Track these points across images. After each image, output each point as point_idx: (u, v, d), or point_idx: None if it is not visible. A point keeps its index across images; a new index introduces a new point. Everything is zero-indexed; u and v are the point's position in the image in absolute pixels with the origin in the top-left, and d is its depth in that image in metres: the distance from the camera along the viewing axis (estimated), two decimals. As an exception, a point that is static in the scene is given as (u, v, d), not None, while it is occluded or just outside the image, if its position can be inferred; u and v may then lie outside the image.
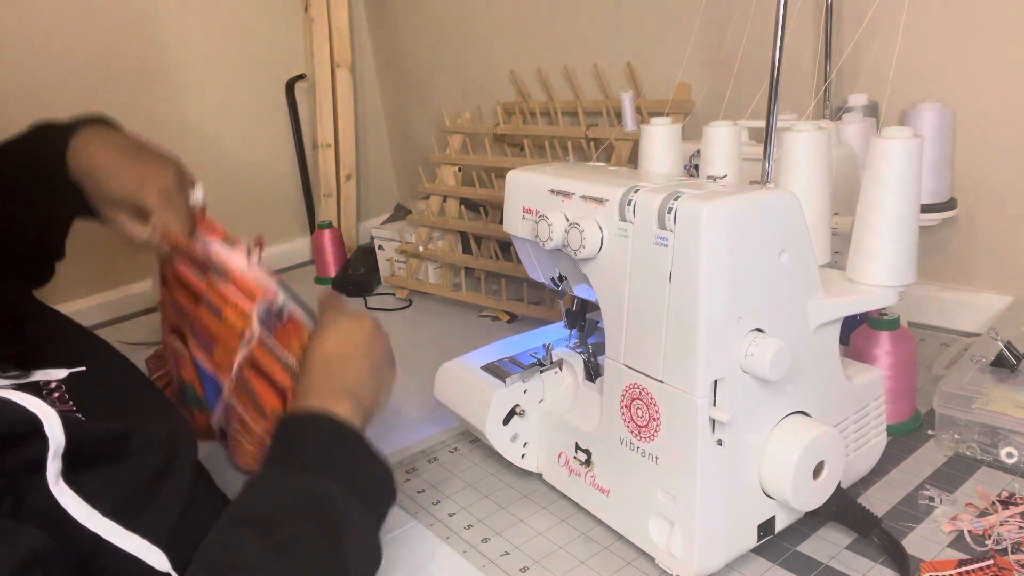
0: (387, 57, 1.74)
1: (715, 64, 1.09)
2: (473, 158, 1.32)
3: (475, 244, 1.29)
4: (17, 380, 0.55)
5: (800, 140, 0.66)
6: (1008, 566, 0.57)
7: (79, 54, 1.34)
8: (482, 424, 0.72)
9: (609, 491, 0.66)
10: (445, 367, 0.80)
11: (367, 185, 1.78)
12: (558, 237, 0.65)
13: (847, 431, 0.65)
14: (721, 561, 0.59)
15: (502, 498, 0.73)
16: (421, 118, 1.70)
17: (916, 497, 0.67)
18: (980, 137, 0.93)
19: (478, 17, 1.49)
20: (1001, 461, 0.70)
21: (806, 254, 0.59)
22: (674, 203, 0.56)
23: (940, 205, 0.93)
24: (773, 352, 0.55)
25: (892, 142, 0.60)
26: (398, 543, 0.68)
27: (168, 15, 1.46)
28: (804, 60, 1.04)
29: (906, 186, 0.61)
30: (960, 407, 0.71)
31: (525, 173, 0.72)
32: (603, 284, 0.64)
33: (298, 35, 1.64)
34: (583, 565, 0.63)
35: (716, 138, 0.73)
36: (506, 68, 1.41)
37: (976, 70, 0.92)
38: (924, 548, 0.61)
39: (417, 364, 0.89)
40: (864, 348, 0.75)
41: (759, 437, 0.59)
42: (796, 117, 0.91)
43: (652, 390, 0.60)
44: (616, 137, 1.14)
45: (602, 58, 1.26)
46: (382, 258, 1.43)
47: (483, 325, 1.21)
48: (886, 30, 0.91)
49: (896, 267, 0.62)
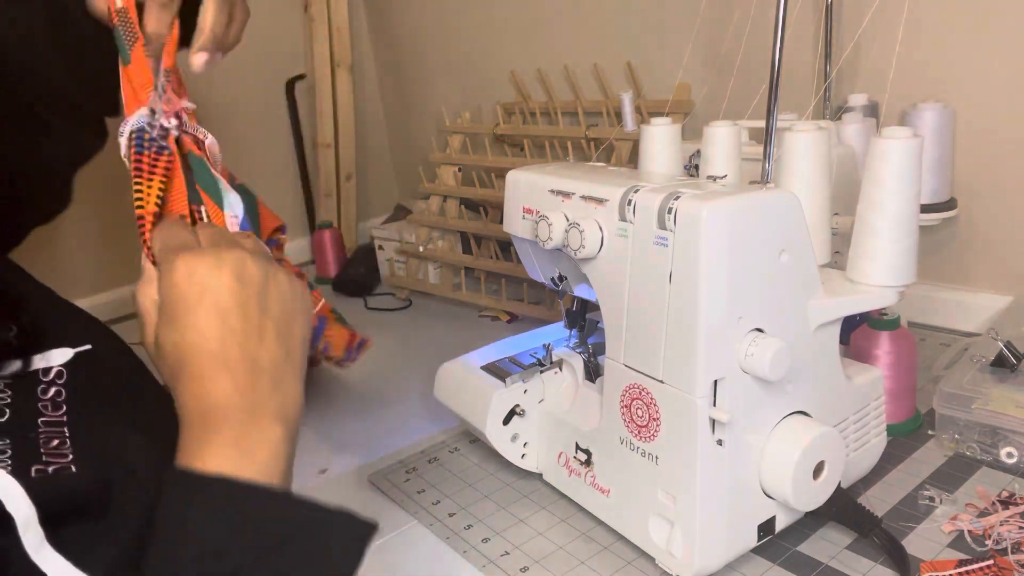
0: (387, 57, 1.74)
1: (715, 64, 1.09)
2: (473, 158, 1.32)
3: (475, 244, 1.29)
4: (11, 373, 0.53)
5: (800, 140, 0.66)
6: (1008, 566, 0.57)
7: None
8: (482, 424, 0.72)
9: (609, 491, 0.66)
10: (445, 367, 0.80)
11: (367, 185, 1.78)
12: (558, 237, 0.65)
13: (847, 431, 0.65)
14: (721, 561, 0.59)
15: (502, 498, 0.73)
16: (421, 118, 1.70)
17: (916, 497, 0.67)
18: (980, 137, 0.93)
19: (478, 17, 1.49)
20: (1001, 461, 0.70)
21: (806, 254, 0.59)
22: (674, 203, 0.56)
23: (940, 205, 0.93)
24: (773, 352, 0.55)
25: (892, 142, 0.60)
26: (398, 543, 0.68)
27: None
28: (804, 60, 1.04)
29: (906, 186, 0.61)
30: (960, 407, 0.71)
31: (525, 173, 0.73)
32: (603, 284, 0.64)
33: (298, 35, 1.64)
34: (583, 565, 0.63)
35: (716, 138, 0.73)
36: (506, 68, 1.41)
37: (976, 70, 0.92)
38: (924, 548, 0.61)
39: (417, 364, 0.89)
40: (864, 348, 0.75)
41: (759, 437, 0.59)
42: (796, 117, 0.91)
43: (652, 390, 0.60)
44: (616, 137, 1.14)
45: (602, 58, 1.26)
46: (382, 258, 1.43)
47: (483, 325, 1.21)
48: (886, 30, 0.91)
49: (896, 267, 0.62)
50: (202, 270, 0.45)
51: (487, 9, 1.47)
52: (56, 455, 0.52)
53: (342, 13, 1.62)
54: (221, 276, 0.45)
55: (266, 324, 0.46)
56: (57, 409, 0.54)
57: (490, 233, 1.23)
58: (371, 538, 0.41)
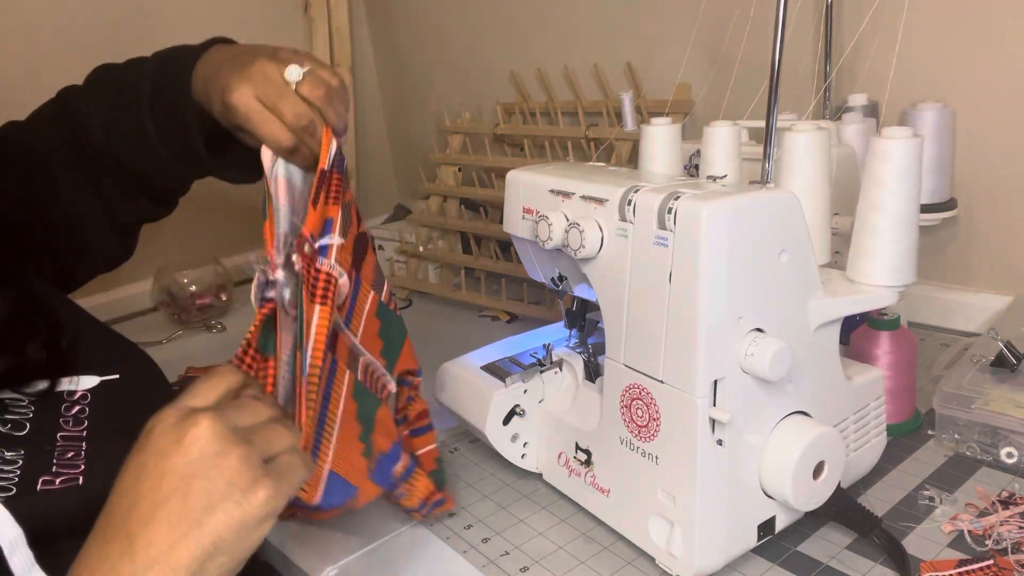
0: (387, 57, 1.74)
1: (715, 64, 1.09)
2: (473, 158, 1.32)
3: (475, 244, 1.29)
4: (37, 391, 0.54)
5: (800, 140, 0.66)
6: (1008, 566, 0.57)
7: (77, 53, 1.34)
8: (482, 424, 0.72)
9: (609, 491, 0.66)
10: (445, 367, 0.80)
11: (367, 185, 1.78)
12: (558, 237, 0.65)
13: (847, 431, 0.65)
14: (721, 561, 0.59)
15: (502, 498, 0.73)
16: (421, 118, 1.70)
17: (916, 497, 0.67)
18: (980, 137, 0.93)
19: (478, 17, 1.49)
20: (1001, 461, 0.70)
21: (806, 254, 0.59)
22: (674, 203, 0.56)
23: (940, 205, 0.93)
24: (773, 352, 0.55)
25: (892, 142, 0.60)
26: (398, 543, 0.68)
27: (167, 14, 1.45)
28: (804, 60, 1.04)
29: (906, 186, 0.61)
30: (960, 407, 0.71)
31: (525, 173, 0.72)
32: (603, 284, 0.64)
33: (298, 35, 1.64)
34: (583, 565, 0.63)
35: (716, 138, 0.73)
36: (506, 68, 1.41)
37: (976, 70, 0.92)
38: (924, 548, 0.61)
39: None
40: (864, 348, 0.75)
41: (759, 437, 0.59)
42: (796, 117, 0.91)
43: (652, 390, 0.60)
44: (616, 137, 1.14)
45: (602, 58, 1.26)
46: (382, 258, 1.43)
47: (483, 325, 1.21)
48: (886, 30, 0.91)
49: (896, 267, 0.62)
50: (164, 427, 0.43)
51: (487, 9, 1.47)
52: (68, 466, 0.52)
53: (342, 13, 1.62)
54: (168, 438, 0.42)
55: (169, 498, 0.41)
56: (78, 425, 0.55)
57: (490, 233, 1.23)
58: None
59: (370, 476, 0.61)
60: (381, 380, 0.66)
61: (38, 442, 0.52)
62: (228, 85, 0.59)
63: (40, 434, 0.53)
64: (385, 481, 0.63)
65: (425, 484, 0.67)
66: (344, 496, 0.58)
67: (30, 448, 0.51)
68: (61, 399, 0.55)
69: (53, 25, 1.32)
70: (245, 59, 0.60)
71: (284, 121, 0.58)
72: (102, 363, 0.59)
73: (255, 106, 0.58)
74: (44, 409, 0.54)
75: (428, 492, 0.67)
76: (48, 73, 1.29)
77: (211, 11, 1.52)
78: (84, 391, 0.56)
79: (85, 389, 0.56)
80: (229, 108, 0.59)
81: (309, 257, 0.57)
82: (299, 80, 0.59)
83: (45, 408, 0.54)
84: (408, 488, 0.66)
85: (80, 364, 0.58)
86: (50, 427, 0.54)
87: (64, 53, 1.32)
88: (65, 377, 0.56)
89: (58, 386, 0.55)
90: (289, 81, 0.59)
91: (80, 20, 1.35)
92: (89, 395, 0.57)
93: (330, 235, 0.58)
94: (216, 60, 0.63)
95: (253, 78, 0.58)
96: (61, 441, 0.53)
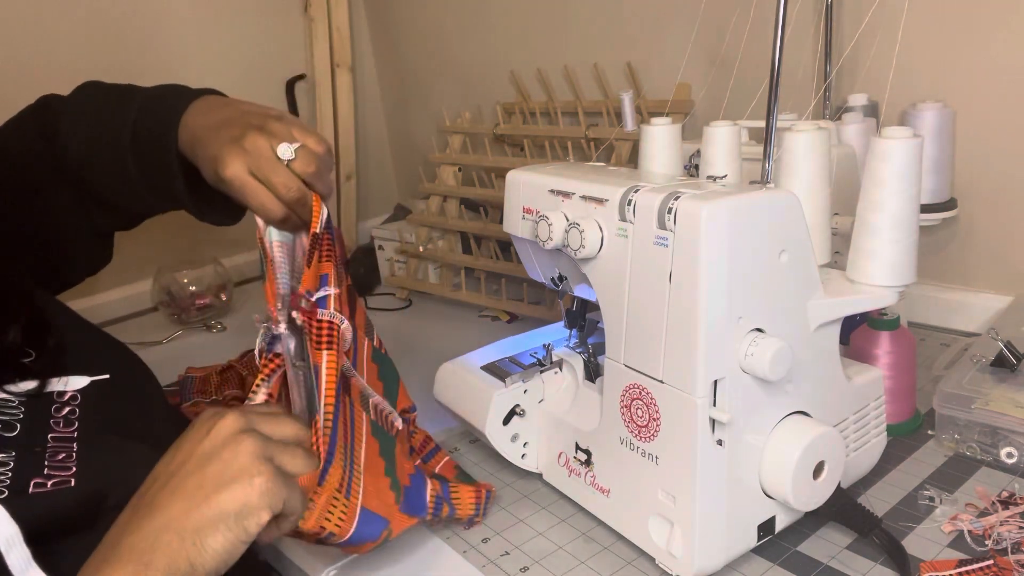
0: (387, 57, 1.74)
1: (715, 64, 1.09)
2: (473, 158, 1.32)
3: (475, 244, 1.29)
4: (27, 392, 0.54)
5: (800, 140, 0.66)
6: (1008, 566, 0.57)
7: (77, 53, 1.34)
8: (482, 424, 0.72)
9: (609, 491, 0.66)
10: (445, 367, 0.80)
11: (367, 185, 1.78)
12: (558, 237, 0.65)
13: (847, 431, 0.65)
14: (721, 561, 0.59)
15: (502, 498, 0.73)
16: (421, 118, 1.70)
17: (916, 497, 0.67)
18: (980, 137, 0.93)
19: (478, 17, 1.49)
20: (1001, 461, 0.70)
21: (806, 254, 0.59)
22: (674, 203, 0.56)
23: (940, 205, 0.93)
24: (773, 352, 0.55)
25: (892, 142, 0.60)
26: (398, 543, 0.68)
27: (168, 14, 1.45)
28: (804, 60, 1.04)
29: (906, 186, 0.61)
30: (960, 407, 0.71)
31: (525, 173, 0.72)
32: (603, 284, 0.64)
33: (298, 35, 1.64)
34: (583, 565, 0.63)
35: (716, 138, 0.73)
36: (506, 68, 1.41)
37: (976, 70, 0.92)
38: (924, 548, 0.61)
39: (417, 364, 0.89)
40: (864, 348, 0.75)
41: (759, 437, 0.59)
42: (796, 117, 0.91)
43: (652, 390, 0.60)
44: (616, 137, 1.14)
45: (602, 58, 1.26)
46: (382, 258, 1.43)
47: (483, 325, 1.21)
48: (886, 30, 0.91)
49: (896, 267, 0.62)
50: (201, 419, 0.50)
51: (487, 9, 1.47)
52: (59, 468, 0.52)
53: (342, 13, 1.62)
54: (201, 428, 0.49)
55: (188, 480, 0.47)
56: (69, 426, 0.55)
57: (490, 233, 1.23)
58: None
59: (400, 509, 0.63)
60: (390, 418, 0.69)
61: (29, 443, 0.52)
62: (221, 159, 0.60)
63: (30, 435, 0.53)
64: (419, 510, 0.65)
65: (467, 491, 0.69)
66: (378, 529, 0.60)
67: (21, 449, 0.51)
68: (51, 400, 0.55)
69: (54, 19, 1.32)
70: (236, 132, 0.61)
71: (276, 194, 0.60)
72: (92, 363, 0.60)
73: (249, 181, 0.60)
74: (34, 410, 0.54)
75: (475, 494, 0.69)
76: (42, 71, 1.29)
77: (212, 11, 1.52)
78: (74, 391, 0.56)
79: (75, 390, 0.57)
80: (222, 181, 0.61)
81: (309, 312, 0.59)
82: (292, 158, 0.61)
83: (35, 409, 0.54)
84: (456, 502, 0.68)
85: (70, 364, 0.58)
86: (41, 428, 0.54)
87: (65, 52, 1.32)
88: (55, 377, 0.56)
89: (48, 387, 0.56)
90: (282, 159, 0.61)
91: (80, 17, 1.35)
92: (79, 396, 0.56)
93: (326, 287, 0.61)
94: (204, 123, 0.65)
95: (246, 153, 0.60)
96: (52, 442, 0.53)
